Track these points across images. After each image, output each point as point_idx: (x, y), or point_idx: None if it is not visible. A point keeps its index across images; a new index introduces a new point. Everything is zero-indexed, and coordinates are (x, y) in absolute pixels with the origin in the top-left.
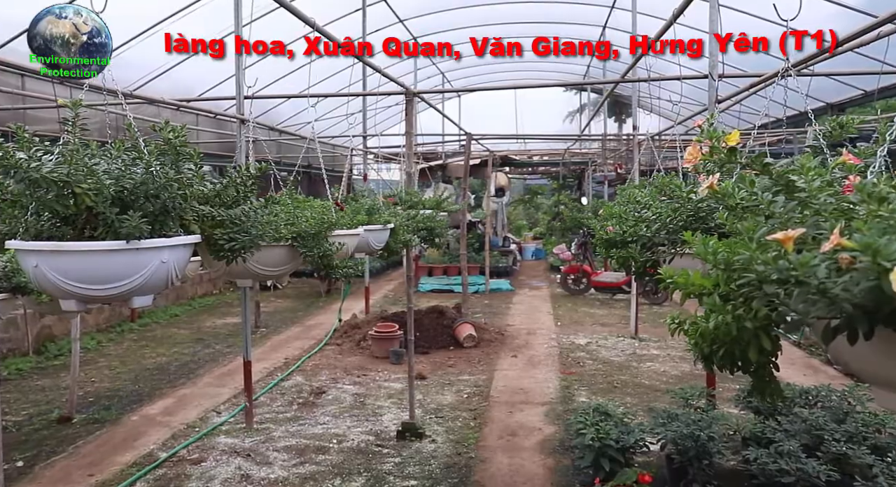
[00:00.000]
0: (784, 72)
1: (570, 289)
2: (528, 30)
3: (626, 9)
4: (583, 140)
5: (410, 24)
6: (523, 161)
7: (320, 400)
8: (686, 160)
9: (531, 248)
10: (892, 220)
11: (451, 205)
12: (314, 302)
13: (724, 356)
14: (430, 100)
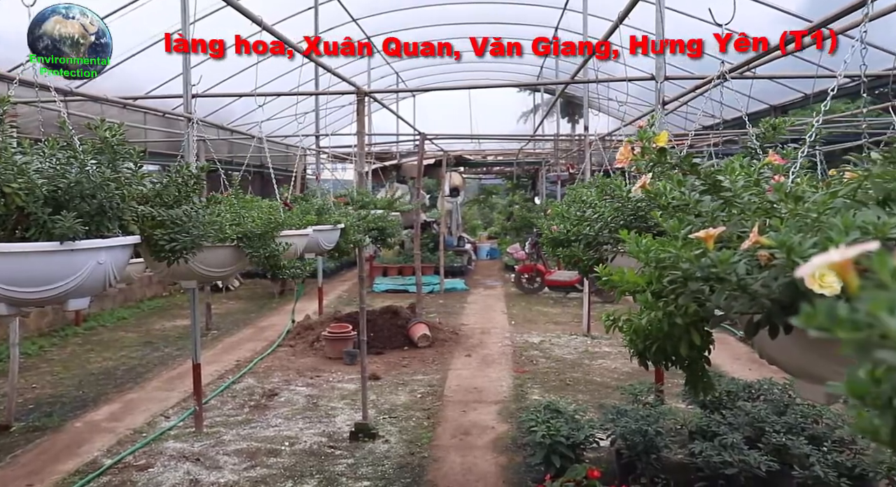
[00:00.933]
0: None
1: (524, 288)
2: (481, 30)
3: (577, 10)
4: (536, 140)
5: (364, 23)
6: (478, 161)
7: (272, 403)
8: (618, 160)
9: (486, 248)
10: (807, 219)
11: (404, 204)
12: (267, 304)
13: (657, 351)
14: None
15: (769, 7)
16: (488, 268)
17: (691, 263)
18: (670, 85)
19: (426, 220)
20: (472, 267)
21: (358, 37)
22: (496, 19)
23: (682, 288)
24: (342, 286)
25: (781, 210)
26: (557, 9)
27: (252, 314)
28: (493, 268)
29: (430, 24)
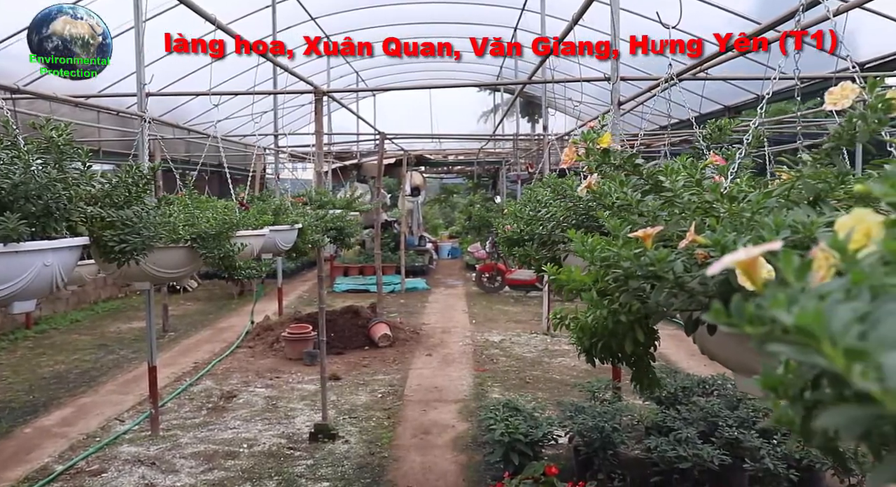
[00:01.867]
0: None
1: (485, 287)
2: (441, 30)
3: (535, 11)
4: (496, 139)
5: (323, 21)
6: (438, 160)
7: (231, 405)
8: (563, 161)
9: (447, 247)
10: (742, 219)
11: (363, 204)
12: (226, 305)
13: (603, 349)
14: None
15: (721, 9)
16: (450, 268)
17: (631, 262)
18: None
19: (387, 220)
20: (434, 266)
21: (316, 36)
22: (456, 19)
23: (624, 286)
24: (303, 286)
25: (720, 209)
26: (516, 9)
27: (210, 315)
28: (454, 268)
29: (390, 23)
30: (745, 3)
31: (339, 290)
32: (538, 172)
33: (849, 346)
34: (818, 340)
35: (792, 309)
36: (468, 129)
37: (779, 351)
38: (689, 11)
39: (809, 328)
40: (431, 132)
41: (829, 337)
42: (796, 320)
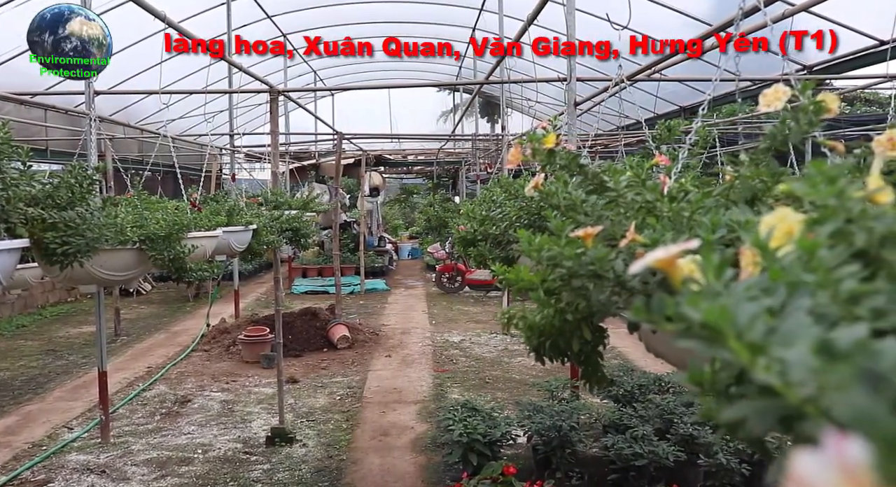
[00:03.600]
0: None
1: (445, 288)
2: (400, 29)
3: (493, 11)
4: (455, 139)
5: (279, 20)
6: (398, 160)
7: (185, 409)
8: (508, 162)
9: (407, 248)
10: (683, 218)
11: (320, 205)
12: (181, 308)
13: (551, 347)
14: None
15: (675, 12)
16: (410, 268)
17: (573, 261)
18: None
19: (346, 220)
20: (394, 267)
21: (273, 34)
22: (414, 19)
23: (568, 285)
24: (260, 288)
25: (662, 209)
26: (474, 9)
27: (165, 318)
28: (414, 268)
29: (348, 22)
30: (701, 7)
31: (298, 292)
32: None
33: (752, 341)
34: (725, 336)
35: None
36: (428, 129)
37: (690, 347)
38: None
39: (716, 324)
40: (391, 132)
41: (734, 333)
42: (704, 316)
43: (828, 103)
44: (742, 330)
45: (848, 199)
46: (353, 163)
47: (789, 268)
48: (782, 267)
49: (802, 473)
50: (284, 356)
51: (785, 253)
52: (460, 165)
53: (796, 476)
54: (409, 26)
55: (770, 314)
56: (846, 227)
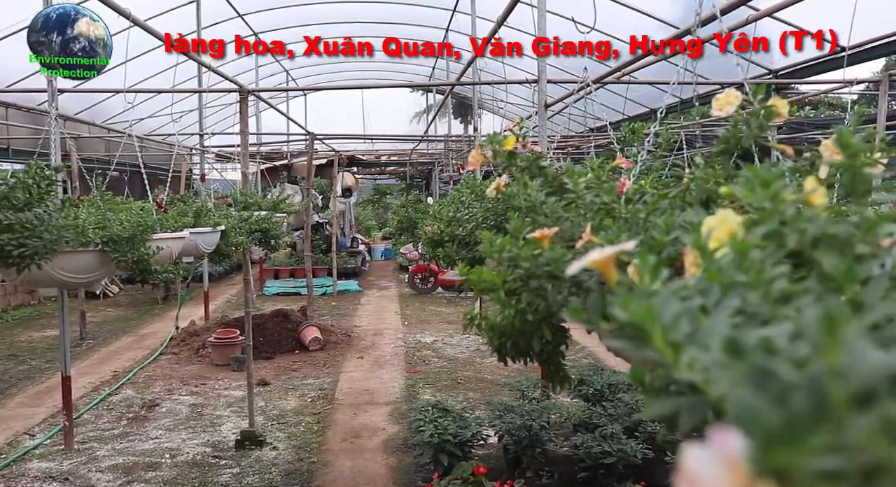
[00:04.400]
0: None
1: (417, 289)
2: (372, 29)
3: (466, 12)
4: (427, 140)
5: (251, 19)
6: (371, 161)
7: (153, 414)
8: (469, 164)
9: (380, 249)
10: (638, 220)
11: (291, 205)
12: (149, 310)
13: (513, 347)
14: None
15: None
16: (383, 269)
17: (530, 262)
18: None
19: (318, 221)
20: (367, 268)
21: (244, 33)
22: (388, 19)
23: (526, 285)
24: (231, 290)
25: (620, 211)
26: (448, 10)
27: (133, 321)
28: (387, 269)
29: (321, 21)
30: (671, 11)
31: (270, 293)
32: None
33: (674, 340)
34: (650, 335)
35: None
36: (401, 130)
37: (620, 347)
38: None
39: (641, 323)
40: (364, 132)
41: (659, 332)
42: (630, 316)
43: (778, 108)
44: (665, 329)
45: (781, 202)
46: (325, 164)
47: (725, 269)
48: (719, 268)
49: (690, 467)
50: (255, 358)
51: (722, 254)
52: (433, 166)
53: (685, 470)
54: (383, 26)
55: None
56: (780, 229)
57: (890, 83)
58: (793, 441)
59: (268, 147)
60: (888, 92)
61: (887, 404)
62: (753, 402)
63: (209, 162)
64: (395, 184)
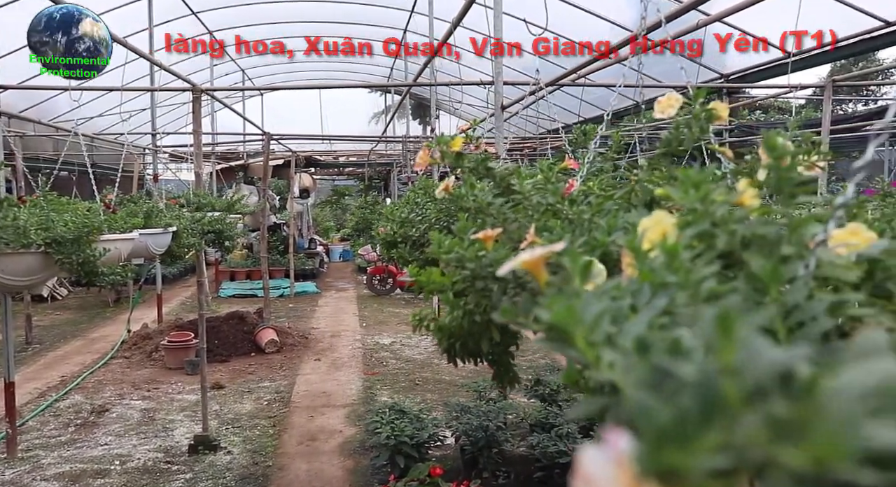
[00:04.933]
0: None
1: (376, 290)
2: (330, 29)
3: (423, 13)
4: (385, 141)
5: (205, 16)
6: (329, 162)
7: (103, 419)
8: (416, 164)
9: (339, 250)
10: (583, 221)
11: (245, 206)
12: (100, 313)
13: (462, 349)
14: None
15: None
16: (341, 270)
17: (475, 263)
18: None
19: (276, 222)
20: (325, 269)
21: (198, 31)
22: (346, 19)
23: (472, 286)
24: (185, 292)
25: (566, 212)
26: (406, 11)
27: (82, 325)
28: (345, 270)
29: (278, 20)
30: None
31: (226, 295)
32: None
33: (594, 341)
34: (573, 336)
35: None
36: (360, 131)
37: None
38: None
39: (562, 324)
40: (322, 133)
41: (581, 333)
42: (552, 317)
43: (718, 111)
44: (587, 330)
45: (711, 203)
46: (282, 165)
47: (657, 270)
48: (651, 269)
49: (586, 467)
50: (210, 361)
51: (655, 255)
52: (392, 167)
53: (581, 471)
54: (341, 26)
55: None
56: (711, 230)
57: (834, 88)
58: (683, 440)
59: (223, 147)
60: (832, 97)
61: (776, 402)
62: (646, 401)
63: (163, 162)
64: (353, 185)
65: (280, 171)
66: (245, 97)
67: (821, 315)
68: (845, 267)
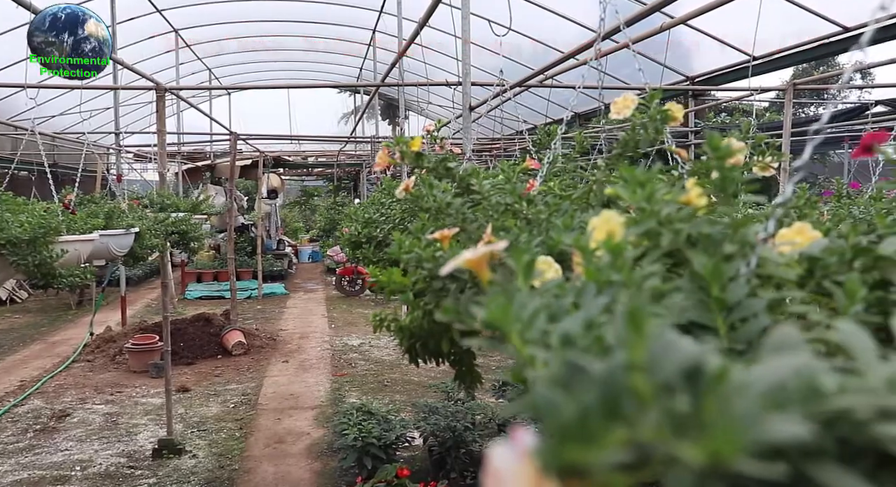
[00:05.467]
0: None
1: (345, 291)
2: (298, 29)
3: (392, 14)
4: (353, 142)
5: (170, 14)
6: (297, 162)
7: (63, 425)
8: (376, 164)
9: (308, 251)
10: (540, 221)
11: (211, 207)
12: (62, 316)
13: (423, 349)
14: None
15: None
16: (310, 271)
17: (432, 263)
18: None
19: (243, 223)
20: (294, 270)
21: (163, 29)
22: (314, 18)
23: (430, 286)
24: (151, 294)
25: (525, 212)
26: (375, 11)
27: (43, 328)
28: (314, 271)
29: (246, 19)
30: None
31: (192, 297)
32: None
33: (529, 339)
34: (508, 334)
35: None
36: (329, 131)
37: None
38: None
39: (496, 322)
40: (290, 133)
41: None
42: (487, 315)
43: (673, 112)
44: (522, 328)
45: (657, 203)
46: (250, 165)
47: (602, 268)
48: (596, 267)
49: (495, 463)
50: (176, 364)
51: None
52: (361, 167)
53: (491, 467)
54: (310, 26)
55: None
56: (656, 229)
57: (795, 92)
58: (585, 435)
59: (190, 147)
60: (793, 100)
61: (680, 396)
62: (550, 397)
63: (127, 162)
64: (323, 185)
65: (248, 172)
66: (212, 96)
67: (761, 312)
68: (786, 266)
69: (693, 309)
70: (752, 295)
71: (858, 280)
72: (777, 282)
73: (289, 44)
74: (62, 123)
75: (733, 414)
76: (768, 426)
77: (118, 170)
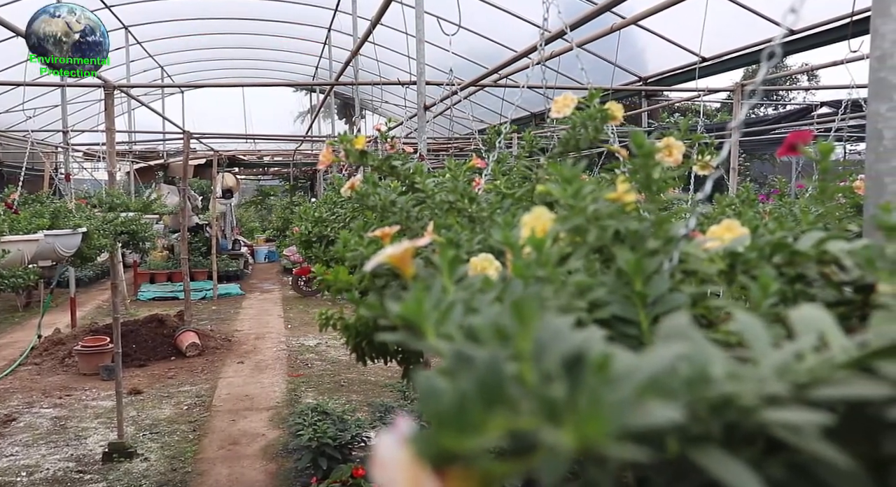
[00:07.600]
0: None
1: (301, 291)
2: (253, 26)
3: (347, 12)
4: (309, 141)
5: (119, 10)
6: (253, 161)
7: (9, 429)
8: (320, 162)
9: (264, 251)
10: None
11: (162, 206)
12: (8, 318)
13: (369, 347)
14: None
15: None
16: (266, 272)
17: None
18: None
19: (198, 223)
20: (250, 270)
21: (113, 25)
22: (270, 16)
23: (372, 284)
24: (102, 295)
25: (469, 210)
26: (330, 9)
27: None
28: (271, 272)
29: (197, 16)
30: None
31: (145, 298)
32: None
33: (444, 333)
34: (422, 328)
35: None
36: (285, 130)
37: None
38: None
39: (410, 317)
40: (245, 132)
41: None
42: (402, 309)
43: (613, 111)
44: (436, 322)
45: (583, 199)
46: (205, 164)
47: (528, 264)
48: (523, 263)
49: (381, 452)
50: (128, 366)
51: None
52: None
53: (377, 456)
54: (266, 24)
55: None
56: (584, 225)
57: (743, 93)
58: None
59: (142, 146)
60: (741, 101)
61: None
62: (433, 384)
63: (77, 161)
64: (279, 185)
65: (202, 171)
66: (164, 95)
67: (682, 306)
68: (708, 261)
69: (617, 304)
70: (674, 290)
71: (773, 274)
72: (702, 277)
73: (244, 42)
74: (8, 121)
75: (605, 400)
76: (642, 411)
77: (66, 169)
